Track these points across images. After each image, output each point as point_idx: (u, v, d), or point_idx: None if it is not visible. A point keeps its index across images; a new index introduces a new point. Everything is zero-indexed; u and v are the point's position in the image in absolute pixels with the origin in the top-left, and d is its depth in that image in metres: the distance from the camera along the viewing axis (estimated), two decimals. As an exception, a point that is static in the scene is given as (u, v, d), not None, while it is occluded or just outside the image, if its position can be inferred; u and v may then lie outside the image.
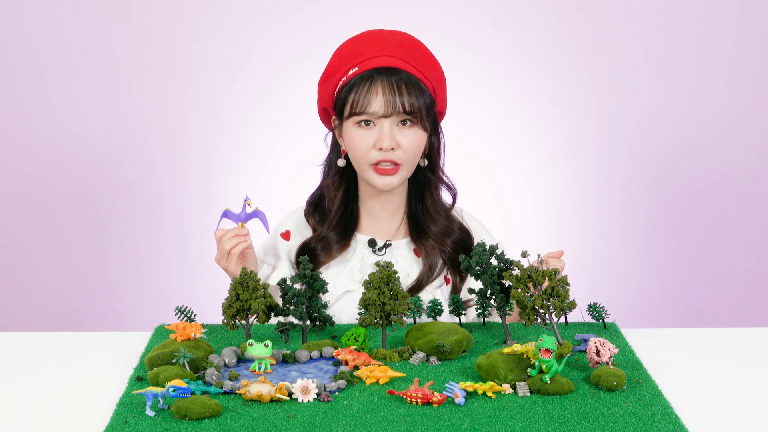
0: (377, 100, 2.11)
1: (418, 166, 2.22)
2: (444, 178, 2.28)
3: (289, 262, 2.29)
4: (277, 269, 2.28)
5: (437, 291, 2.23)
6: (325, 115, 2.27)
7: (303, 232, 2.29)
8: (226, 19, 3.67)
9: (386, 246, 2.26)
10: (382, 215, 2.27)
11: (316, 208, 2.29)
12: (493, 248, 1.91)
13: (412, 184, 2.26)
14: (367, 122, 2.13)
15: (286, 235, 2.30)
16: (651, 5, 3.67)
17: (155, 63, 3.68)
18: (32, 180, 3.72)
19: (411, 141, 2.14)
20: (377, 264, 1.85)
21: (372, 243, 2.26)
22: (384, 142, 2.12)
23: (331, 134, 2.27)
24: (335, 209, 2.24)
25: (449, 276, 2.25)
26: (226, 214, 2.10)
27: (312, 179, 2.36)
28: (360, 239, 2.27)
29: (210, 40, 3.68)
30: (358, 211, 2.28)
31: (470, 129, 3.71)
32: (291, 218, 2.32)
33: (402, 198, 2.26)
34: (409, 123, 2.13)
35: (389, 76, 2.12)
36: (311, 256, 2.20)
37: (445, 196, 2.31)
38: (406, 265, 2.25)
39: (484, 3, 3.68)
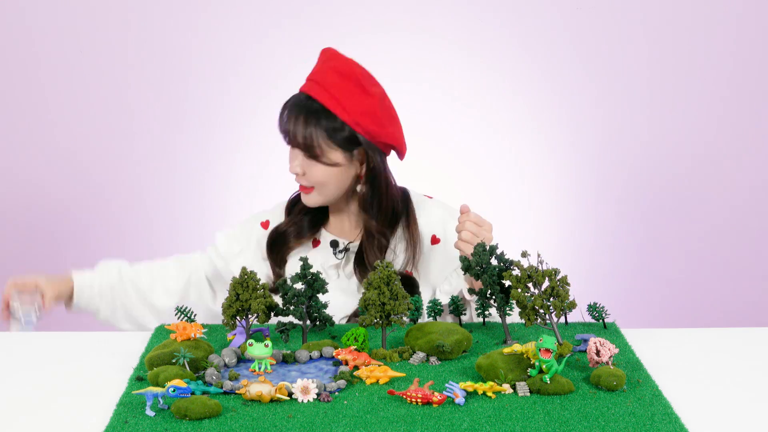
0: (282, 127, 2.13)
1: (355, 190, 2.19)
2: (391, 203, 2.20)
3: (260, 251, 2.28)
4: (239, 256, 2.27)
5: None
6: None
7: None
8: (226, 20, 3.67)
9: (345, 250, 2.25)
10: (344, 217, 2.26)
11: (293, 206, 2.31)
12: (493, 248, 1.90)
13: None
14: None
15: (265, 224, 2.31)
16: (652, 3, 3.66)
17: (154, 62, 3.68)
18: (32, 180, 3.72)
19: (314, 171, 2.12)
20: (377, 264, 1.85)
21: (334, 244, 2.26)
22: (290, 167, 2.14)
23: None
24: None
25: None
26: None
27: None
28: (326, 237, 2.27)
29: (209, 43, 3.68)
30: (328, 209, 2.29)
31: (468, 128, 3.71)
32: (274, 212, 2.33)
33: (357, 207, 2.24)
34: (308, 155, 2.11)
35: (298, 103, 2.10)
36: (283, 240, 2.23)
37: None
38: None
39: (484, 2, 3.67)
